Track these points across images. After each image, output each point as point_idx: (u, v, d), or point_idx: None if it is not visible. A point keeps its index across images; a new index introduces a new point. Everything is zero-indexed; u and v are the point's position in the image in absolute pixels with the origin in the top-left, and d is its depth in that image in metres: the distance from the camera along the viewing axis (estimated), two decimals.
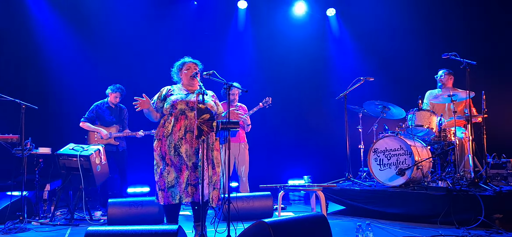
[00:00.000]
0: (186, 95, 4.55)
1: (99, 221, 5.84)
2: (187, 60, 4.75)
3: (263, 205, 5.82)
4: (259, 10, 9.65)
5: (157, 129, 4.57)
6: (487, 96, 5.83)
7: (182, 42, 8.95)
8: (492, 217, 4.80)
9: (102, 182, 6.15)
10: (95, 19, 8.64)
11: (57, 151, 5.79)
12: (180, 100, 4.47)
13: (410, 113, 6.37)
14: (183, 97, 4.51)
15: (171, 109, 4.46)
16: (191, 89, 4.63)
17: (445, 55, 5.70)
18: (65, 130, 8.01)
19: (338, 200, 6.27)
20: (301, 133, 9.69)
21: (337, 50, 9.94)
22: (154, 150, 4.51)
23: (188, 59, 4.75)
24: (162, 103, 4.59)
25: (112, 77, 7.26)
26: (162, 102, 4.59)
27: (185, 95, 4.55)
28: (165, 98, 4.59)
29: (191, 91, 4.61)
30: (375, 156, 6.23)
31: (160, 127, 4.54)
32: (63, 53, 8.49)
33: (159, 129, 4.53)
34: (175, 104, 4.45)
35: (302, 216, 3.81)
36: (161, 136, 4.47)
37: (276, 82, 9.48)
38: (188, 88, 4.66)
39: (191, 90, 4.61)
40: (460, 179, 5.70)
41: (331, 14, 9.86)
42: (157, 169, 4.46)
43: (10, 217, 5.37)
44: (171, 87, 4.69)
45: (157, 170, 4.46)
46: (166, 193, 4.39)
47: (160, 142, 4.47)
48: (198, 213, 4.49)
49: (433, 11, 8.90)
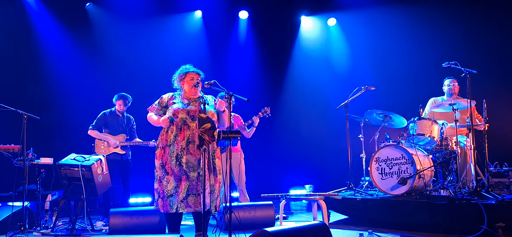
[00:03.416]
0: (187, 104, 4.57)
1: (101, 231, 5.83)
2: (190, 70, 4.74)
3: (264, 215, 5.79)
4: (260, 20, 9.68)
5: (159, 137, 4.59)
6: (488, 104, 5.83)
7: (184, 51, 8.98)
8: (494, 226, 4.78)
9: (103, 192, 6.15)
10: (98, 28, 8.69)
11: (59, 161, 5.78)
12: (181, 109, 4.49)
13: (411, 122, 6.36)
14: (184, 106, 4.53)
15: (172, 117, 4.48)
16: (192, 98, 4.65)
17: (446, 64, 5.72)
18: (66, 140, 8.02)
19: (340, 209, 6.26)
20: (303, 142, 9.68)
21: (338, 59, 9.94)
22: (156, 157, 4.55)
23: (191, 69, 4.75)
24: (163, 110, 4.62)
25: (114, 87, 7.30)
26: (163, 109, 4.63)
27: (187, 104, 4.57)
28: (167, 105, 4.62)
29: (192, 100, 4.63)
30: (376, 165, 6.21)
31: (162, 134, 4.57)
32: (65, 63, 8.53)
33: (161, 137, 4.56)
34: (176, 112, 4.48)
35: (304, 226, 3.81)
36: (164, 145, 4.50)
37: (278, 91, 9.50)
38: (189, 97, 4.67)
39: (192, 99, 4.63)
40: (462, 187, 5.67)
41: (332, 24, 9.87)
42: (157, 177, 4.49)
43: (11, 227, 5.36)
44: (173, 95, 4.72)
45: (157, 177, 4.49)
46: (165, 202, 4.42)
47: (163, 151, 4.50)
48: (199, 222, 4.49)
49: (434, 20, 8.91)
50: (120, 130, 6.87)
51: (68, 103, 8.39)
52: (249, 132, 6.68)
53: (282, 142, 9.62)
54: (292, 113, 9.65)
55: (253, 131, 6.70)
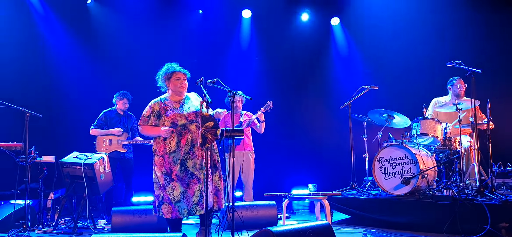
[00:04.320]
0: (181, 107, 4.49)
1: (103, 229, 5.82)
2: (176, 69, 4.60)
3: (267, 214, 5.78)
4: (263, 19, 9.66)
5: (155, 144, 4.47)
6: (492, 104, 5.80)
7: (187, 51, 8.96)
8: (498, 226, 4.75)
9: (106, 190, 6.14)
10: (100, 28, 8.68)
11: (61, 160, 5.78)
12: (179, 115, 4.42)
13: (414, 121, 6.33)
14: (180, 111, 4.46)
15: (172, 125, 4.42)
16: (179, 98, 4.56)
17: (450, 64, 5.68)
18: (69, 138, 8.02)
19: (343, 209, 6.24)
20: (306, 142, 9.66)
21: (341, 59, 9.93)
22: (155, 165, 4.44)
23: (177, 68, 4.61)
24: (158, 120, 4.51)
25: (116, 86, 7.28)
26: (157, 120, 4.51)
27: (180, 108, 4.49)
28: (160, 114, 4.50)
29: (178, 100, 4.55)
30: (379, 164, 6.19)
31: (158, 143, 4.45)
32: (67, 61, 8.53)
33: (158, 145, 4.44)
34: (174, 121, 4.40)
35: (307, 225, 3.79)
36: (163, 153, 4.40)
37: (281, 90, 9.48)
38: (176, 97, 4.57)
39: (179, 100, 4.55)
40: (465, 188, 5.65)
41: (335, 23, 9.85)
42: (160, 184, 4.41)
43: (13, 225, 5.36)
44: (161, 100, 4.57)
45: (160, 185, 4.41)
46: (173, 207, 4.34)
47: (163, 159, 4.40)
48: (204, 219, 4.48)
49: (438, 19, 8.88)
50: (121, 128, 6.86)
51: (71, 101, 8.39)
52: (259, 127, 6.72)
53: (285, 142, 9.60)
54: (295, 112, 9.63)
55: (264, 126, 6.75)
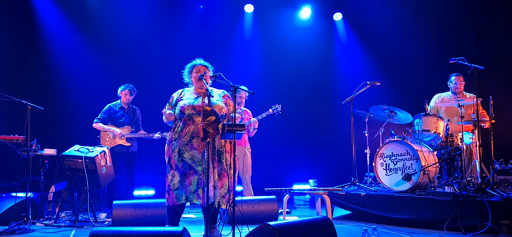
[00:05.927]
0: (194, 99, 4.53)
1: (104, 222, 5.83)
2: (197, 63, 4.68)
3: (268, 209, 5.78)
4: (266, 14, 9.64)
5: (169, 132, 4.60)
6: (494, 101, 5.78)
7: (189, 45, 8.95)
8: (499, 223, 4.75)
9: (107, 183, 6.15)
10: (102, 21, 8.67)
11: (63, 153, 5.79)
12: (188, 106, 4.45)
13: (416, 117, 6.32)
14: (191, 102, 4.48)
15: (180, 114, 4.46)
16: (201, 91, 4.59)
17: (453, 60, 5.67)
18: (70, 131, 8.04)
19: (344, 204, 6.23)
20: (307, 137, 9.65)
21: (343, 54, 9.92)
22: (165, 152, 4.55)
23: (198, 62, 4.69)
24: (174, 109, 4.58)
25: (119, 79, 7.28)
26: (174, 108, 4.59)
27: (194, 99, 4.52)
28: (176, 103, 4.58)
29: (200, 94, 4.58)
30: (381, 160, 6.19)
31: (171, 130, 4.58)
32: (69, 54, 8.53)
33: (170, 133, 4.58)
34: (183, 109, 4.45)
35: (307, 220, 3.78)
36: (170, 140, 4.52)
37: (283, 85, 9.46)
38: (198, 91, 4.63)
39: (201, 93, 4.58)
40: (467, 184, 5.64)
41: (337, 18, 9.84)
42: (165, 171, 4.50)
43: (14, 218, 5.36)
44: (183, 91, 4.68)
45: (165, 171, 4.50)
46: (171, 194, 4.41)
47: (168, 146, 4.51)
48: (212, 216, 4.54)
49: (441, 16, 8.85)
50: (126, 122, 6.85)
51: (73, 94, 8.38)
52: (251, 132, 6.69)
53: (286, 137, 9.59)
54: (297, 107, 9.61)
55: (255, 133, 6.71)
